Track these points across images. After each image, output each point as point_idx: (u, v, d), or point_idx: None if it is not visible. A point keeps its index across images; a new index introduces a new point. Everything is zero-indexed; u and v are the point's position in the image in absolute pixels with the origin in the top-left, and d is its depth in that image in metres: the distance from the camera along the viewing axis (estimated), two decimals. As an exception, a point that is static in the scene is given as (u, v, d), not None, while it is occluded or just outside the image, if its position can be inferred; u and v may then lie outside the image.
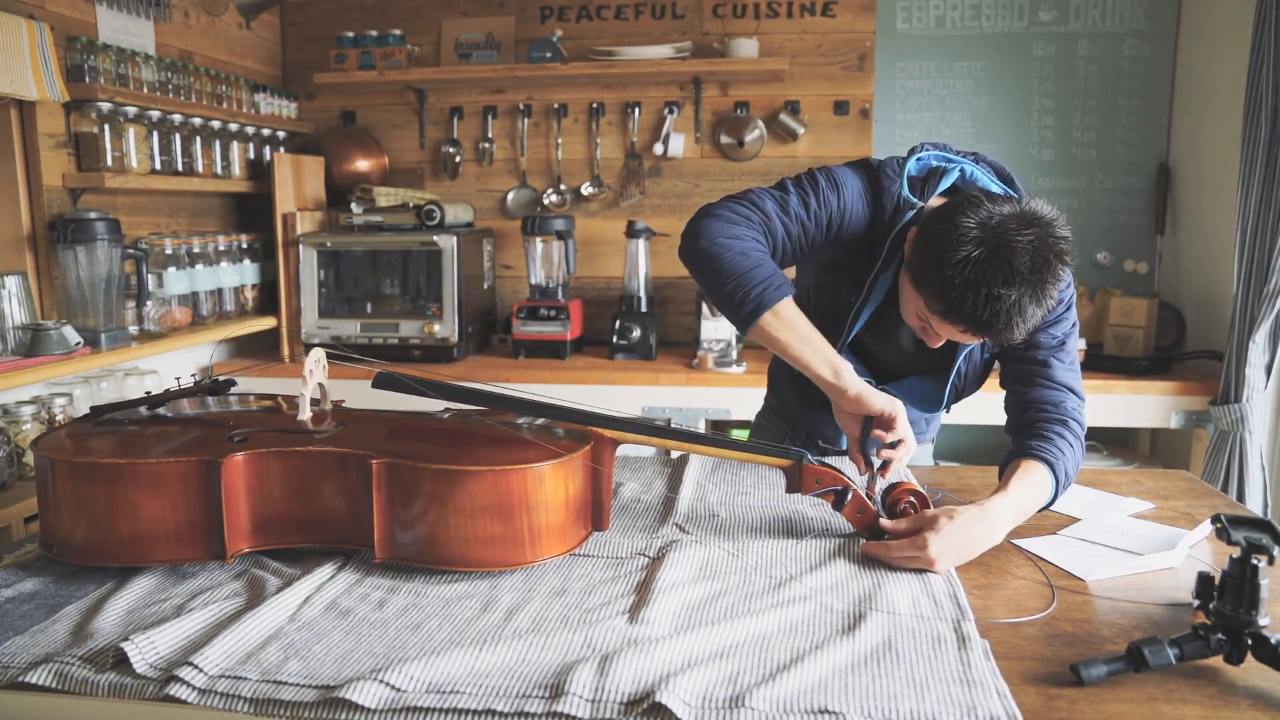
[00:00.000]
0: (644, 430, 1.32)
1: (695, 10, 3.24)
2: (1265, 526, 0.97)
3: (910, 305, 1.37)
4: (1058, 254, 1.23)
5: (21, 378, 2.07)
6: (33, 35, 2.21)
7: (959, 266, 1.22)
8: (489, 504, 1.14)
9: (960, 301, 1.23)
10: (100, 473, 1.14)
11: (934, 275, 1.26)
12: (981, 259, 1.21)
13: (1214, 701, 0.89)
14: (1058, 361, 1.46)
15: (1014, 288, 1.21)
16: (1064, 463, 1.36)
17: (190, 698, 0.90)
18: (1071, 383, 1.46)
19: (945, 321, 1.29)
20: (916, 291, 1.32)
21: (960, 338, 1.33)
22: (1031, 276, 1.21)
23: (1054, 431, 1.39)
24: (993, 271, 1.21)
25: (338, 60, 3.24)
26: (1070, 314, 1.47)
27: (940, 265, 1.24)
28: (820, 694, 0.89)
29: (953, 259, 1.23)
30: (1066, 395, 1.44)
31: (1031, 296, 1.22)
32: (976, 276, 1.21)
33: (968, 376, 1.56)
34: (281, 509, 1.19)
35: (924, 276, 1.29)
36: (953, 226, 1.24)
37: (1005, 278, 1.20)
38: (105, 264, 2.35)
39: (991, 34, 3.13)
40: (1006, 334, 1.25)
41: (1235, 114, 2.53)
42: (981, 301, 1.22)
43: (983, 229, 1.23)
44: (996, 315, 1.22)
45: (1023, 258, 1.20)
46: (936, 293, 1.26)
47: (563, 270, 3.16)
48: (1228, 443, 2.54)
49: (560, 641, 1.00)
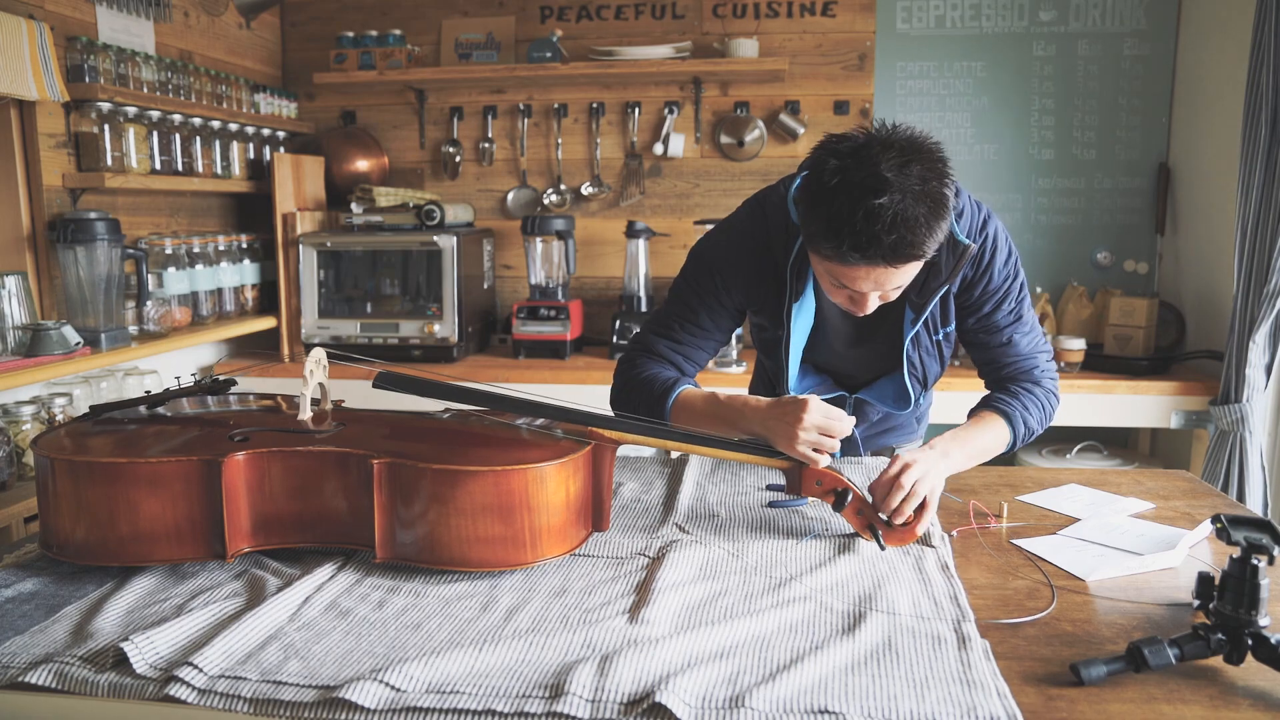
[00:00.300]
0: (644, 430, 1.32)
1: (695, 10, 3.24)
2: (1265, 526, 0.97)
3: (825, 281, 1.35)
4: (925, 151, 1.20)
5: (21, 378, 2.07)
6: (33, 35, 2.21)
7: (829, 198, 1.20)
8: (490, 504, 1.14)
9: (842, 230, 1.19)
10: (101, 472, 1.14)
11: (815, 224, 1.24)
12: (844, 181, 1.19)
13: (1214, 701, 0.89)
14: (1019, 335, 1.51)
15: (886, 193, 1.17)
16: (1022, 412, 1.45)
17: (190, 698, 0.90)
18: (1034, 346, 1.52)
19: (846, 263, 1.24)
20: (817, 256, 1.30)
21: (878, 278, 1.27)
22: (900, 179, 1.17)
23: (1021, 387, 1.49)
24: (858, 187, 1.18)
25: (338, 60, 3.24)
26: (1017, 280, 1.49)
27: (815, 207, 1.23)
28: (820, 694, 0.89)
29: (822, 195, 1.21)
30: (1035, 360, 1.52)
31: (912, 198, 1.18)
32: (847, 199, 1.18)
33: (923, 363, 1.55)
34: (282, 509, 1.19)
35: (811, 230, 1.26)
36: (817, 172, 1.23)
37: (872, 188, 1.17)
38: (105, 264, 2.35)
39: (991, 34, 3.13)
40: (904, 248, 1.20)
41: (1235, 114, 2.53)
42: (860, 220, 1.17)
43: (839, 156, 1.21)
44: (883, 229, 1.18)
45: (884, 165, 1.17)
46: (823, 237, 1.23)
47: (563, 270, 3.16)
48: (1228, 443, 2.54)
49: (560, 641, 1.00)
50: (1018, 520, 1.41)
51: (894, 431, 1.77)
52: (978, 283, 1.47)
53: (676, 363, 1.53)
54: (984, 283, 1.46)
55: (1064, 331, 3.02)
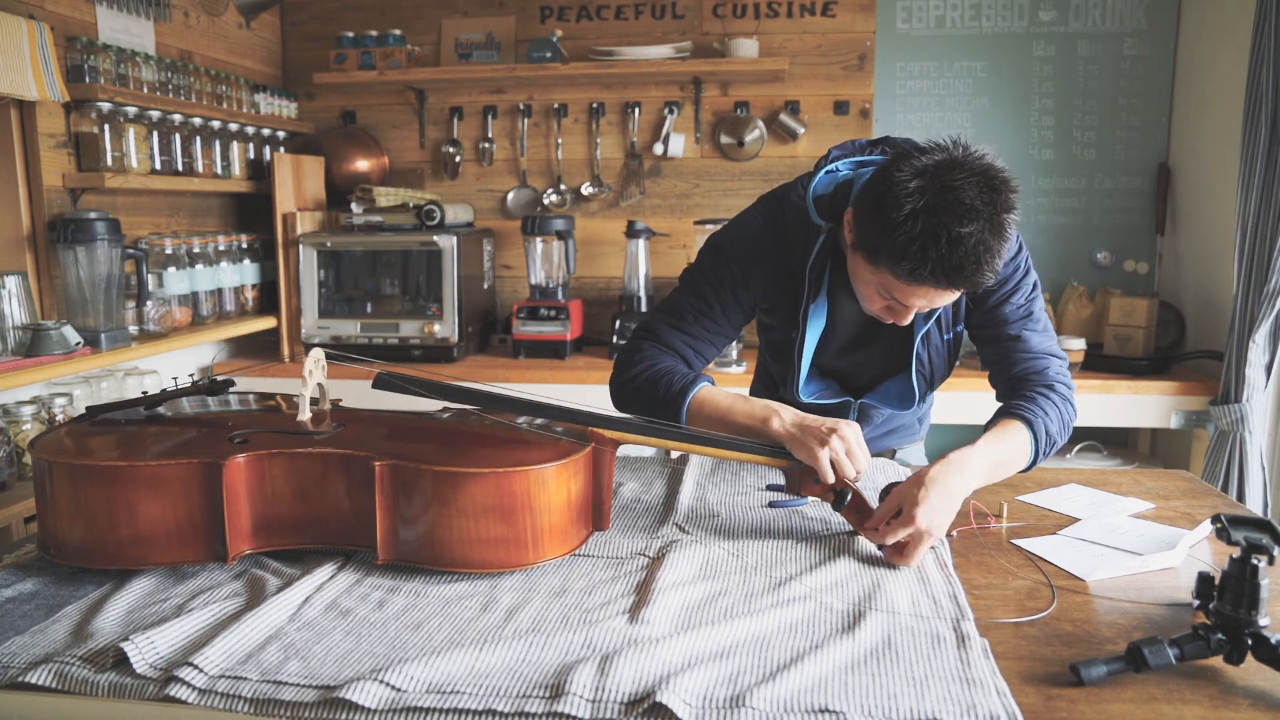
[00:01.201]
0: (644, 430, 1.32)
1: (695, 10, 3.24)
2: (1265, 526, 0.97)
3: (869, 288, 1.33)
4: (1003, 182, 1.20)
5: (21, 378, 2.07)
6: (33, 35, 2.21)
7: (910, 220, 1.18)
8: (492, 506, 1.14)
9: (923, 255, 1.18)
10: (100, 475, 1.14)
11: (887, 241, 1.20)
12: (931, 205, 1.17)
13: (1214, 701, 0.89)
14: (1030, 332, 1.46)
15: (972, 223, 1.16)
16: (1043, 420, 1.35)
17: (190, 698, 0.90)
18: (1048, 348, 1.46)
19: (913, 283, 1.23)
20: (873, 267, 1.27)
21: (933, 298, 1.27)
22: (985, 209, 1.17)
23: (1038, 393, 1.40)
24: (947, 213, 1.16)
25: (338, 60, 3.24)
26: (1029, 278, 1.47)
27: (891, 228, 1.19)
28: (820, 693, 0.89)
29: (900, 216, 1.18)
30: (1048, 361, 1.45)
31: (991, 230, 1.18)
32: (932, 224, 1.17)
33: (932, 362, 1.54)
34: (283, 510, 1.19)
35: (878, 247, 1.23)
36: (889, 186, 1.20)
37: (960, 215, 1.16)
38: (105, 264, 2.35)
39: (991, 34, 3.13)
40: (977, 276, 1.21)
41: (1235, 114, 2.53)
42: (945, 248, 1.17)
43: (921, 177, 1.18)
44: (965, 258, 1.18)
45: (969, 192, 1.16)
46: (897, 257, 1.20)
47: (563, 270, 3.16)
48: (1228, 443, 2.54)
49: (560, 641, 1.00)
50: (1018, 520, 1.41)
51: (896, 433, 1.77)
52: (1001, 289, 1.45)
53: (686, 357, 1.49)
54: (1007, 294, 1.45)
55: (1064, 331, 3.02)
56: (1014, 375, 1.46)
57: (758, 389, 1.81)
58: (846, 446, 1.26)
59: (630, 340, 1.52)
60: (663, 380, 1.42)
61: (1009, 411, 1.38)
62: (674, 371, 1.43)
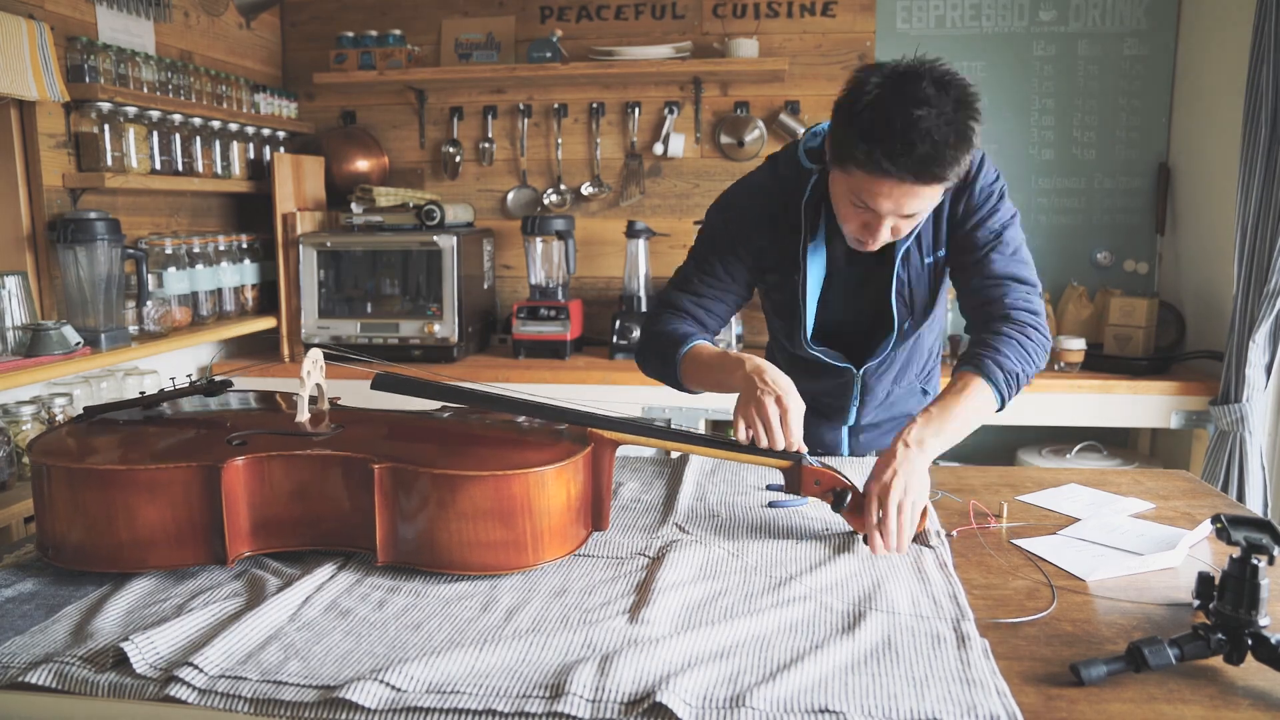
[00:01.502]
0: (644, 431, 1.32)
1: (695, 10, 3.24)
2: (1265, 526, 0.97)
3: (845, 204, 1.37)
4: (961, 84, 1.24)
5: (21, 378, 2.07)
6: (33, 35, 2.21)
7: (869, 109, 1.24)
8: (491, 508, 1.14)
9: (881, 136, 1.23)
10: (99, 478, 1.13)
11: (849, 132, 1.26)
12: (888, 95, 1.23)
13: (1214, 701, 0.89)
14: (997, 255, 1.46)
15: (925, 108, 1.21)
16: (999, 359, 1.35)
17: (190, 698, 0.90)
18: (1013, 271, 1.45)
19: (876, 174, 1.26)
20: (843, 172, 1.32)
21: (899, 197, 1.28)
22: (940, 100, 1.22)
23: (993, 330, 1.40)
24: (902, 99, 1.22)
25: (338, 60, 3.24)
26: (1004, 205, 1.48)
27: (852, 119, 1.26)
28: (820, 693, 0.89)
29: (860, 106, 1.25)
30: (1011, 286, 1.44)
31: (947, 121, 1.22)
32: (888, 107, 1.22)
33: (911, 285, 1.53)
34: (282, 513, 1.19)
35: (842, 141, 1.29)
36: (852, 87, 1.28)
37: (915, 101, 1.21)
38: (105, 264, 2.35)
39: (991, 34, 3.13)
40: (937, 164, 1.23)
41: (1235, 114, 2.53)
42: (899, 129, 1.21)
43: (881, 73, 1.26)
44: (919, 139, 1.21)
45: (925, 85, 1.22)
46: (855, 144, 1.25)
47: (563, 270, 3.16)
48: (1228, 443, 2.54)
49: (560, 641, 1.00)
50: (1018, 520, 1.41)
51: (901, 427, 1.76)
52: (960, 198, 1.47)
53: (698, 316, 1.57)
54: (966, 198, 1.47)
55: (1064, 331, 3.02)
56: (977, 304, 1.47)
57: None
58: (767, 420, 1.28)
59: (649, 311, 1.64)
60: (666, 339, 1.53)
61: (964, 363, 1.39)
62: (676, 332, 1.53)
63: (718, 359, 1.44)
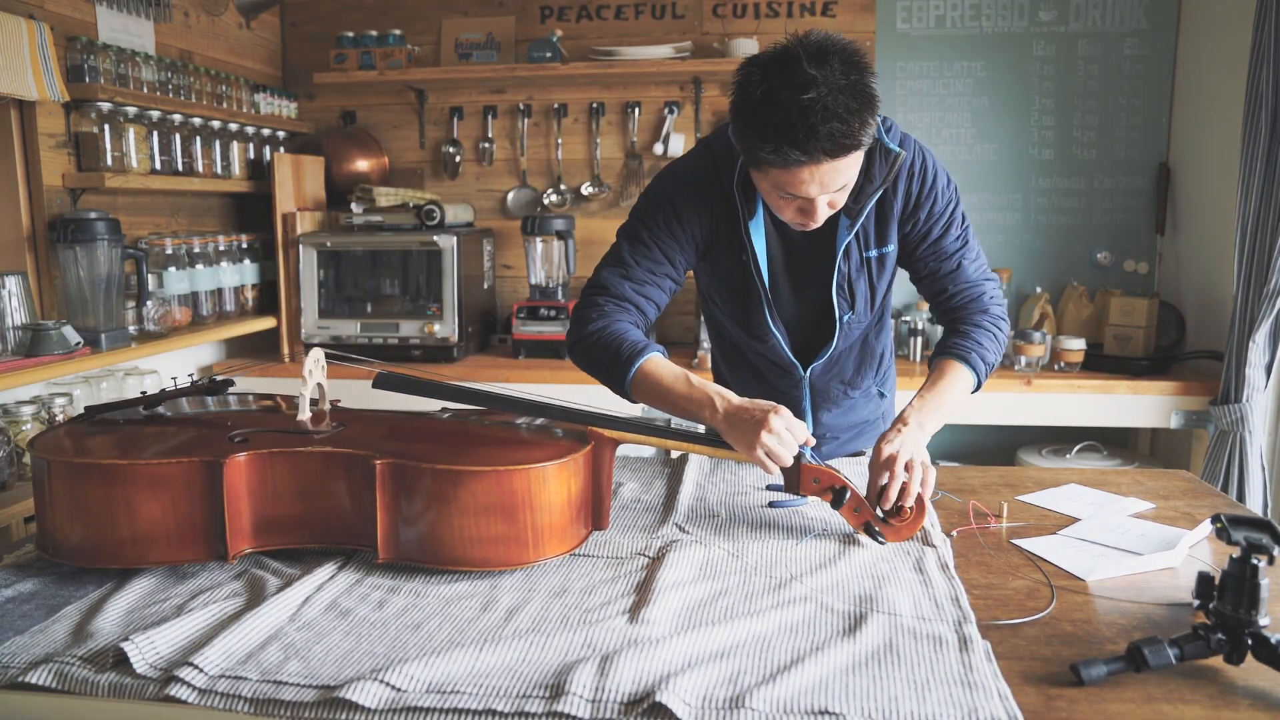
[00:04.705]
0: (644, 430, 1.32)
1: (695, 10, 3.24)
2: (1265, 526, 0.97)
3: (771, 197, 1.36)
4: (840, 48, 1.23)
5: (21, 378, 2.07)
6: (33, 35, 2.21)
7: (760, 105, 1.22)
8: (493, 504, 1.14)
9: (782, 132, 1.21)
10: (101, 474, 1.14)
11: (753, 132, 1.25)
12: (771, 87, 1.21)
13: (1214, 701, 0.89)
14: (968, 262, 1.54)
15: (814, 87, 1.19)
16: (979, 351, 1.47)
17: (190, 698, 0.90)
18: (982, 273, 1.56)
19: (789, 166, 1.25)
20: (760, 173, 1.32)
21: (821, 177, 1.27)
22: (823, 73, 1.20)
23: (973, 323, 1.50)
24: (785, 88, 1.20)
25: (338, 60, 3.24)
26: (960, 205, 1.54)
27: (750, 118, 1.24)
28: (821, 695, 0.89)
29: (753, 105, 1.23)
30: (984, 288, 1.54)
31: (842, 89, 1.20)
32: (778, 101, 1.21)
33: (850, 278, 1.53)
34: (283, 509, 1.19)
35: (750, 142, 1.27)
36: (739, 89, 1.27)
37: (800, 82, 1.20)
38: (105, 264, 2.35)
39: (991, 34, 3.13)
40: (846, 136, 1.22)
41: (1235, 114, 2.53)
42: (797, 117, 1.19)
43: (760, 64, 1.25)
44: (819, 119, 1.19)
45: (802, 66, 1.20)
46: (762, 142, 1.24)
47: (563, 270, 3.16)
48: (1228, 443, 2.54)
49: (560, 641, 1.00)
50: (1018, 520, 1.41)
51: (864, 435, 1.77)
52: (924, 203, 1.49)
53: (639, 304, 1.48)
54: (930, 203, 1.49)
55: (1064, 331, 3.02)
56: (954, 305, 1.54)
57: None
58: (778, 438, 1.27)
59: (582, 297, 1.51)
60: (612, 346, 1.41)
61: (950, 352, 1.47)
62: (624, 338, 1.42)
63: (681, 391, 1.35)
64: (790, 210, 1.37)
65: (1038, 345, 2.82)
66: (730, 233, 1.51)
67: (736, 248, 1.52)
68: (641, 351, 1.39)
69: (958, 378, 1.45)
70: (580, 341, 1.46)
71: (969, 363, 1.46)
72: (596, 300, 1.49)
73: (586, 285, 1.52)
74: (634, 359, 1.38)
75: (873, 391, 1.75)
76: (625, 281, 1.49)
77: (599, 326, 1.45)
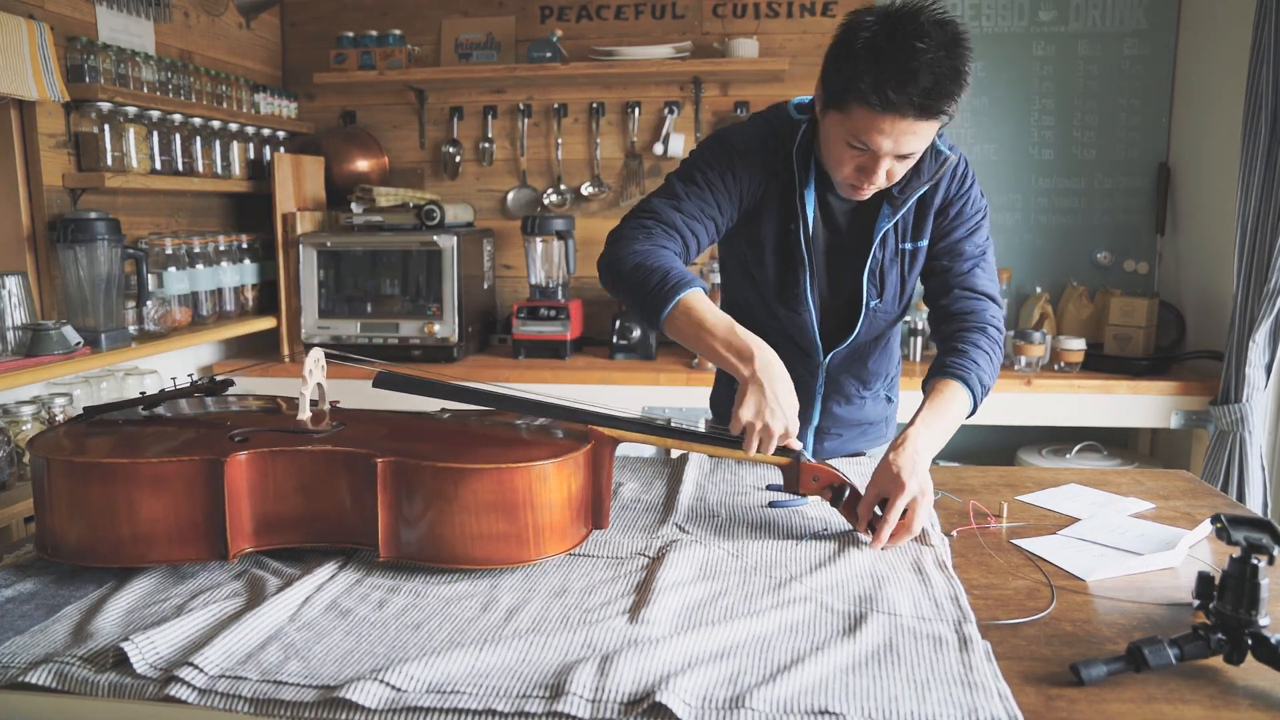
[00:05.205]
0: (644, 429, 1.32)
1: (695, 10, 3.24)
2: (1265, 526, 0.97)
3: (839, 145, 1.35)
4: (955, 22, 1.26)
5: (21, 378, 2.07)
6: (33, 35, 2.21)
7: (869, 45, 1.24)
8: (494, 501, 1.14)
9: (885, 68, 1.23)
10: (101, 472, 1.14)
11: (849, 69, 1.26)
12: (887, 31, 1.24)
13: (1214, 701, 0.89)
14: (981, 271, 1.53)
15: (926, 40, 1.22)
16: (978, 374, 1.41)
17: (190, 698, 0.90)
18: (992, 290, 1.53)
19: (880, 110, 1.25)
20: (840, 113, 1.31)
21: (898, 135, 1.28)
22: (939, 35, 1.23)
23: (971, 342, 1.45)
24: (902, 33, 1.23)
25: (338, 60, 3.24)
26: (987, 219, 1.56)
27: (852, 56, 1.26)
28: (821, 695, 0.89)
29: (858, 44, 1.25)
30: (987, 304, 1.51)
31: (948, 54, 1.23)
32: (890, 43, 1.23)
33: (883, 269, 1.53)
34: (284, 508, 1.19)
35: (842, 81, 1.28)
36: (848, 29, 1.28)
37: (914, 32, 1.22)
38: (105, 264, 2.35)
39: (991, 34, 3.13)
40: (937, 95, 1.24)
41: (1235, 114, 2.53)
42: (903, 60, 1.22)
43: (875, 14, 1.27)
44: (922, 68, 1.22)
45: (921, 18, 1.24)
46: (859, 78, 1.25)
47: (563, 270, 3.16)
48: (1228, 443, 2.54)
49: (560, 641, 1.00)
50: (1018, 520, 1.41)
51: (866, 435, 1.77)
52: (956, 201, 1.52)
53: (684, 239, 1.44)
54: (962, 203, 1.52)
55: (1064, 331, 3.02)
56: (954, 311, 1.51)
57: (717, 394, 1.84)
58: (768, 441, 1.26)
59: (626, 219, 1.47)
60: (657, 270, 1.35)
61: (948, 372, 1.41)
62: (671, 264, 1.36)
63: (722, 331, 1.30)
64: (849, 167, 1.37)
65: (1038, 345, 2.82)
66: (782, 198, 1.51)
67: (785, 214, 1.52)
68: (689, 282, 1.33)
69: (960, 401, 1.40)
70: (619, 260, 1.38)
71: (970, 386, 1.41)
72: (644, 222, 1.44)
73: (632, 210, 1.48)
74: (680, 287, 1.32)
75: (881, 395, 1.75)
76: (676, 213, 1.45)
77: (644, 248, 1.39)
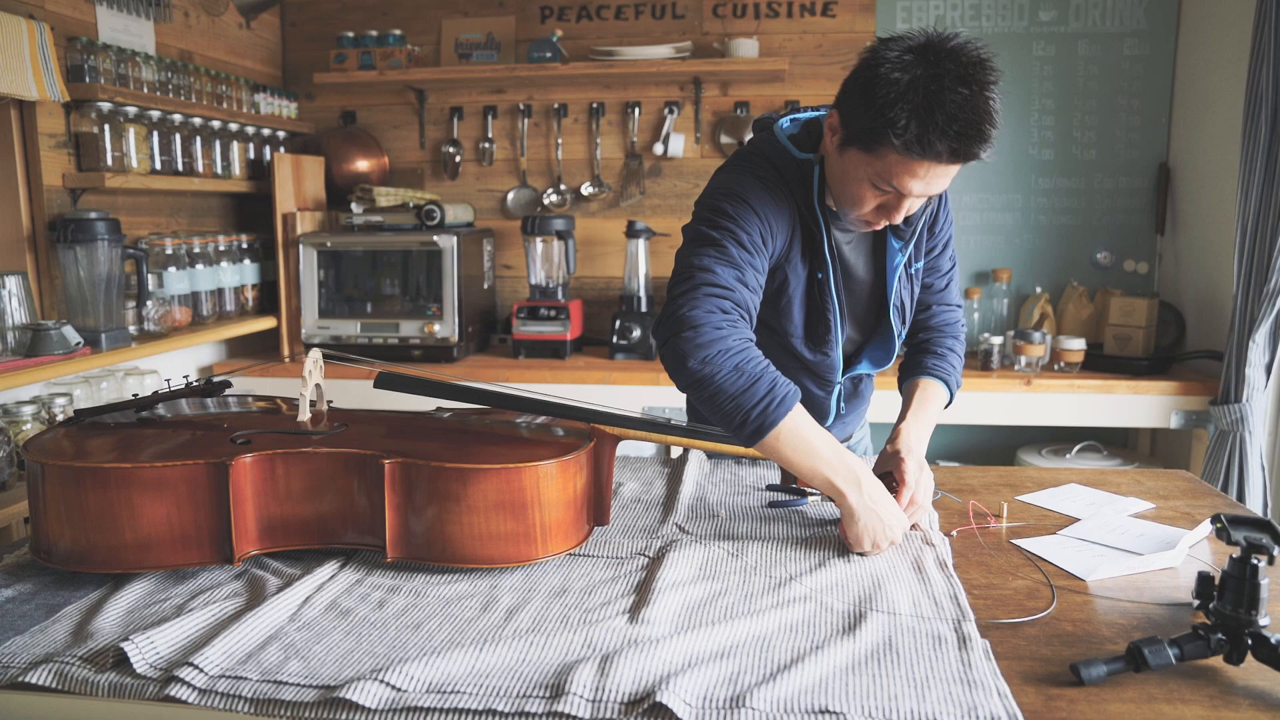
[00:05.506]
0: (644, 425, 1.32)
1: (695, 10, 3.24)
2: (1265, 526, 0.97)
3: (862, 185, 1.27)
4: (985, 59, 1.22)
5: (21, 378, 2.07)
6: (33, 35, 2.21)
7: (911, 89, 1.17)
8: (502, 501, 1.14)
9: (930, 119, 1.16)
10: (103, 477, 1.13)
11: (889, 114, 1.17)
12: (928, 73, 1.17)
13: (1214, 701, 0.89)
14: (952, 284, 1.62)
15: (969, 86, 1.17)
16: (956, 376, 1.55)
17: (190, 698, 0.90)
18: (960, 300, 1.64)
19: (920, 156, 1.19)
20: (871, 155, 1.23)
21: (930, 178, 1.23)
22: (976, 74, 1.19)
23: (948, 348, 1.57)
24: (946, 76, 1.17)
25: (338, 60, 3.24)
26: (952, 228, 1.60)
27: (891, 102, 1.17)
28: (821, 694, 0.89)
29: (899, 89, 1.17)
30: (958, 313, 1.62)
31: (984, 94, 1.19)
32: (934, 89, 1.16)
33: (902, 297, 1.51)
34: (289, 511, 1.19)
35: (878, 126, 1.19)
36: (878, 68, 1.20)
37: (958, 78, 1.17)
38: (105, 264, 2.35)
39: (991, 34, 3.13)
40: (981, 141, 1.19)
41: (1235, 114, 2.53)
42: (951, 107, 1.16)
43: (909, 53, 1.20)
44: (970, 118, 1.17)
45: (957, 59, 1.18)
46: (903, 128, 1.17)
47: (563, 270, 3.16)
48: (1228, 443, 2.54)
49: (560, 641, 1.00)
50: (1018, 520, 1.41)
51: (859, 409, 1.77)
52: (939, 219, 1.55)
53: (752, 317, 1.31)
54: (944, 220, 1.56)
55: (1064, 331, 3.02)
56: (932, 325, 1.60)
57: None
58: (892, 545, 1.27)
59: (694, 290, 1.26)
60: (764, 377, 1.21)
61: (929, 372, 1.53)
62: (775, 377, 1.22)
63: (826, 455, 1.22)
64: (869, 205, 1.30)
65: (1038, 345, 2.82)
66: (804, 248, 1.42)
67: (812, 264, 1.43)
68: (793, 394, 1.22)
69: (941, 401, 1.52)
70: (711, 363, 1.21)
71: (950, 386, 1.54)
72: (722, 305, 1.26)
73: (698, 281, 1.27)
74: (788, 401, 1.21)
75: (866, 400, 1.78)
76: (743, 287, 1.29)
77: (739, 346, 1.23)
